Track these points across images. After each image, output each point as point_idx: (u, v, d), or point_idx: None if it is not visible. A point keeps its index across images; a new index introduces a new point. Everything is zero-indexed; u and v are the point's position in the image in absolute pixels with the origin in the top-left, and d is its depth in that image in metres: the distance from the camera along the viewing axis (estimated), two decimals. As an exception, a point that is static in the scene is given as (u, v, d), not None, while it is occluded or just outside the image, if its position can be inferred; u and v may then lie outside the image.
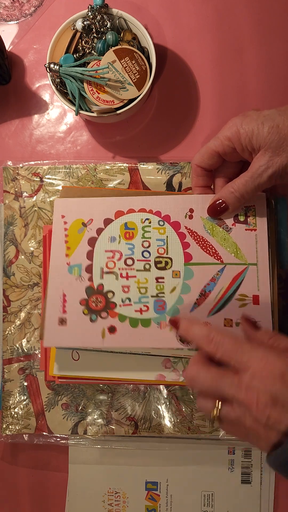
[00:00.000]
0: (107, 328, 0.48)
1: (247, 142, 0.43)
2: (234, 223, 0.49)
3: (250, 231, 0.49)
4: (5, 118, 0.60)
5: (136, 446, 0.55)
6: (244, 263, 0.49)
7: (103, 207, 0.50)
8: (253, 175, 0.43)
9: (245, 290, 0.48)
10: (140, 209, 0.50)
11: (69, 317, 0.48)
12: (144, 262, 0.49)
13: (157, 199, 0.50)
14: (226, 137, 0.44)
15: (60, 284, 0.49)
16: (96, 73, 0.52)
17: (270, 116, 0.42)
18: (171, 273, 0.49)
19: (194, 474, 0.55)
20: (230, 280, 0.48)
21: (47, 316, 0.49)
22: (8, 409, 0.55)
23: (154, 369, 0.51)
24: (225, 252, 0.49)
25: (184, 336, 0.43)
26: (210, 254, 0.49)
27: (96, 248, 0.50)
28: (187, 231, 0.49)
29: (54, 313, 0.49)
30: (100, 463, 0.56)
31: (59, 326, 0.48)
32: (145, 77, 0.53)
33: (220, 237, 0.49)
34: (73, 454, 0.56)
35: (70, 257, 0.50)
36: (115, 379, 0.53)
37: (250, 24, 0.59)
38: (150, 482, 0.56)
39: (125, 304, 0.48)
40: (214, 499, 0.55)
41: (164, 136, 0.59)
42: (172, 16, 0.59)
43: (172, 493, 0.55)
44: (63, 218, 0.50)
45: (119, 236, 0.50)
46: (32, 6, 0.61)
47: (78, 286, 0.49)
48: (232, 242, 0.49)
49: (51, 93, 0.60)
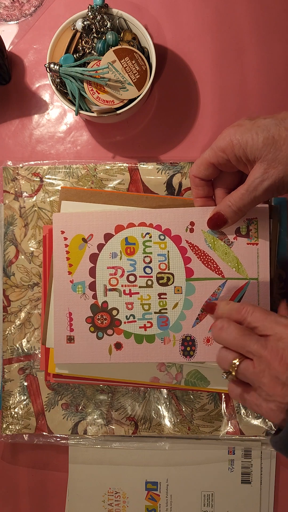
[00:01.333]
0: (113, 344, 0.50)
1: (242, 154, 0.41)
2: (236, 237, 0.49)
3: (252, 245, 0.49)
4: (5, 118, 0.60)
5: (136, 446, 0.55)
6: (245, 277, 0.49)
7: (103, 221, 0.50)
8: (249, 188, 0.42)
9: None
10: (140, 223, 0.50)
11: (76, 335, 0.50)
12: (146, 278, 0.50)
13: (157, 213, 0.50)
14: (220, 148, 0.42)
15: (65, 302, 0.50)
16: (96, 73, 0.52)
17: (265, 126, 0.40)
18: (173, 289, 0.49)
19: (194, 474, 0.55)
20: (231, 295, 0.49)
21: (56, 334, 0.50)
22: (8, 409, 0.56)
23: (149, 371, 0.52)
24: (226, 266, 0.49)
25: (219, 313, 0.44)
26: (211, 269, 0.49)
27: (98, 265, 0.50)
28: (188, 245, 0.50)
29: (62, 332, 0.50)
30: (100, 463, 0.56)
31: (68, 344, 0.50)
32: (145, 77, 0.53)
33: (221, 252, 0.49)
34: (73, 454, 0.56)
35: (73, 275, 0.50)
36: (111, 380, 0.53)
37: (250, 24, 0.59)
38: (150, 482, 0.56)
39: (130, 321, 0.49)
40: (214, 499, 0.55)
41: (164, 136, 0.59)
42: (172, 16, 0.59)
43: (172, 493, 0.55)
44: (63, 234, 0.51)
45: (120, 252, 0.50)
46: (32, 6, 0.61)
47: (83, 304, 0.50)
48: (234, 257, 0.49)
49: (51, 93, 0.60)
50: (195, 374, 0.51)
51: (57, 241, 0.51)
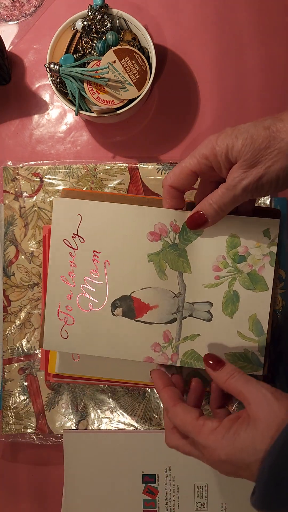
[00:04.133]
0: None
1: (224, 159, 0.41)
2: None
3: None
4: (5, 118, 0.60)
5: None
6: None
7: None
8: (229, 186, 0.41)
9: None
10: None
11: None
12: None
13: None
14: (202, 155, 0.42)
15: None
16: (96, 73, 0.52)
17: (244, 128, 0.40)
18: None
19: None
20: None
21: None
22: (8, 409, 0.56)
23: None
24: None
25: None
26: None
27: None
28: None
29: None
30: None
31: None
32: (145, 77, 0.53)
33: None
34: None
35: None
36: (111, 380, 0.53)
37: (250, 24, 0.59)
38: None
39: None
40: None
41: (164, 136, 0.59)
42: (172, 16, 0.59)
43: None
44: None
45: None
46: (32, 6, 0.61)
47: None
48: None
49: (51, 93, 0.60)
50: (192, 354, 0.49)
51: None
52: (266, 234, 0.47)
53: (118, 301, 0.48)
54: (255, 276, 0.48)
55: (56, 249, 0.49)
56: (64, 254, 0.48)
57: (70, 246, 0.49)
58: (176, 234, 0.48)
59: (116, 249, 0.48)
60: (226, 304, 0.48)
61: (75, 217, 0.48)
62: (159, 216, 0.48)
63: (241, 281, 0.48)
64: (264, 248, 0.47)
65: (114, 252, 0.48)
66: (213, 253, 0.48)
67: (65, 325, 0.49)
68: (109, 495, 0.55)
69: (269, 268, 0.48)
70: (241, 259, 0.48)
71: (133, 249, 0.48)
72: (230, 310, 0.48)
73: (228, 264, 0.48)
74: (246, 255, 0.48)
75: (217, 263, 0.48)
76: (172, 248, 0.48)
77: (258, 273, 0.48)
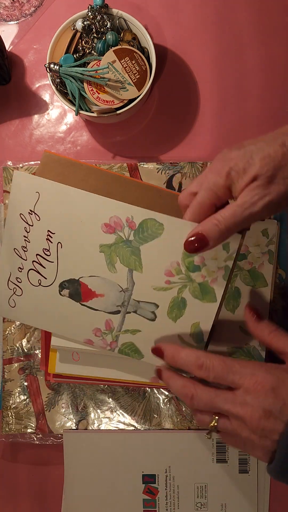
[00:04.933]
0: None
1: (239, 180, 0.39)
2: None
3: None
4: (5, 118, 0.60)
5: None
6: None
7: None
8: (244, 204, 0.39)
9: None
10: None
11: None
12: None
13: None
14: (220, 186, 0.40)
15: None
16: (96, 73, 0.52)
17: (257, 149, 0.39)
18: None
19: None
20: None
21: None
22: (8, 409, 0.56)
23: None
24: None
25: (172, 364, 0.44)
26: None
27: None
28: None
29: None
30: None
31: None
32: (145, 77, 0.53)
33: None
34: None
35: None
36: (111, 380, 0.53)
37: (250, 24, 0.59)
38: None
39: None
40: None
41: (164, 136, 0.59)
42: (172, 16, 0.59)
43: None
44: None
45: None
46: (32, 6, 0.61)
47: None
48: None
49: (51, 93, 0.60)
50: (130, 346, 0.49)
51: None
52: (225, 248, 0.46)
53: (66, 283, 0.49)
54: (205, 287, 0.47)
55: (12, 221, 0.49)
56: (19, 228, 0.49)
57: (26, 221, 0.49)
58: (131, 231, 0.47)
59: (70, 233, 0.48)
60: (171, 308, 0.47)
61: (33, 194, 0.48)
62: (116, 209, 0.47)
63: (191, 290, 0.47)
64: (221, 262, 0.46)
65: (67, 235, 0.48)
66: (168, 257, 0.47)
67: (13, 295, 0.50)
68: (109, 495, 0.55)
69: (221, 281, 0.46)
70: (195, 269, 0.46)
71: (86, 236, 0.48)
72: (175, 314, 0.47)
73: (181, 271, 0.47)
74: (201, 266, 0.46)
75: (170, 268, 0.47)
76: (125, 244, 0.47)
77: (209, 285, 0.47)
